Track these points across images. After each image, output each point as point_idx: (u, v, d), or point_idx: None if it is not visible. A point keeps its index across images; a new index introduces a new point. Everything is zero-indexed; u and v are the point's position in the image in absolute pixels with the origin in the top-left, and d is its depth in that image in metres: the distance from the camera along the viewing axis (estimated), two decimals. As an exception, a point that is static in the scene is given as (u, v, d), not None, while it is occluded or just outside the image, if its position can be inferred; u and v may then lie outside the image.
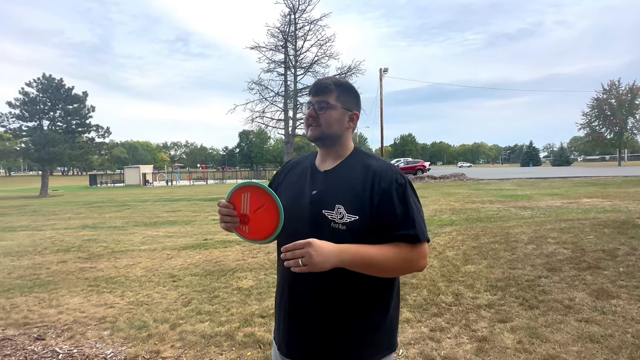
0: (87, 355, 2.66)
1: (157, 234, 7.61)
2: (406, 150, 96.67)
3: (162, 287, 4.10)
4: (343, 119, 1.11)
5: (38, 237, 7.65)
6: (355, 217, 1.01)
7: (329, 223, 1.02)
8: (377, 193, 1.02)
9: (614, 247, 4.58)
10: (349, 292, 1.04)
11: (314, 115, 1.09)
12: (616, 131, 50.64)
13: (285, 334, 1.12)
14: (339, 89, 1.11)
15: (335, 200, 1.03)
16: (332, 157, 1.13)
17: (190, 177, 38.53)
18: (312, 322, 1.06)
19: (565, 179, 20.26)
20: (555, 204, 9.73)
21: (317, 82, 1.13)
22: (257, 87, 21.27)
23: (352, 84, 1.18)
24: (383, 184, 1.02)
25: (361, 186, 1.03)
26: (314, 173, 1.13)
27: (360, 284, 1.03)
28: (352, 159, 1.12)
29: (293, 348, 1.10)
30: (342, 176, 1.09)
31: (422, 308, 3.23)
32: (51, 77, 25.51)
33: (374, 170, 1.05)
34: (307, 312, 1.06)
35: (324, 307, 1.04)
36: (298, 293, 1.07)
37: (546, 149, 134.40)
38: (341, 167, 1.11)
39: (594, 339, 2.54)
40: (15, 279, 4.59)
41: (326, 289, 1.03)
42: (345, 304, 1.04)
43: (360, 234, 1.00)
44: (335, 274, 0.97)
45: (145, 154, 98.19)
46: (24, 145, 25.86)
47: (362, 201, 1.02)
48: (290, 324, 1.10)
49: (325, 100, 1.09)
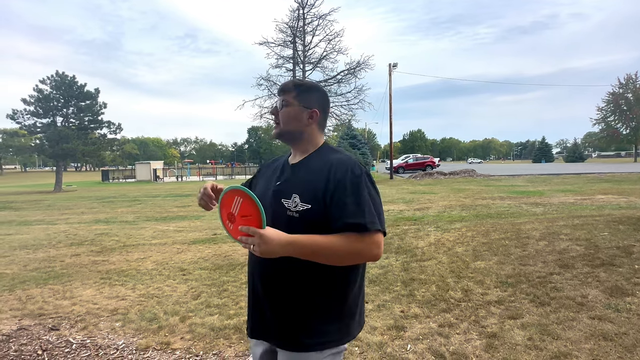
0: (100, 345, 2.72)
1: (167, 228, 7.71)
2: (415, 146, 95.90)
3: (172, 280, 4.15)
4: (301, 115, 1.17)
5: (52, 230, 7.83)
6: (308, 206, 1.06)
7: (285, 211, 1.09)
8: (331, 183, 1.06)
9: (629, 243, 4.48)
10: (297, 277, 1.08)
11: (275, 113, 1.18)
12: (632, 126, 49.41)
13: (248, 315, 1.22)
14: (298, 88, 1.18)
15: (293, 190, 1.10)
16: (300, 152, 1.21)
17: (200, 173, 38.91)
18: (264, 304, 1.14)
19: (578, 175, 19.86)
20: (569, 201, 9.55)
21: (282, 83, 1.21)
22: (266, 82, 21.31)
23: (317, 84, 1.25)
24: (338, 174, 1.07)
25: (318, 177, 1.09)
26: (284, 167, 1.22)
27: (309, 270, 1.07)
28: (316, 153, 1.19)
29: (254, 329, 1.19)
30: (305, 168, 1.15)
31: (430, 304, 3.21)
32: (64, 74, 25.94)
33: (332, 162, 1.11)
34: (261, 295, 1.15)
35: (273, 291, 1.12)
36: (256, 279, 1.17)
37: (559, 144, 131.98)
38: (306, 160, 1.18)
39: (607, 337, 2.49)
40: (30, 271, 4.71)
41: (276, 274, 1.10)
42: (293, 289, 1.09)
43: (312, 223, 1.05)
44: (282, 260, 1.02)
45: (156, 150, 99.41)
46: (38, 141, 26.45)
47: (316, 190, 1.06)
48: (251, 307, 1.20)
49: (284, 99, 1.17)
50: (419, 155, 34.66)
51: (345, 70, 21.99)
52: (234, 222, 1.03)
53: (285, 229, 1.00)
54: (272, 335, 1.14)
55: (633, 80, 48.64)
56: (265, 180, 1.26)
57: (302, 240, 1.00)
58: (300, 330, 1.09)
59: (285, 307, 1.10)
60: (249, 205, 0.99)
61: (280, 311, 1.11)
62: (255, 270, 1.17)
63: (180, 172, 38.91)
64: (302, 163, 1.18)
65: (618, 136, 51.23)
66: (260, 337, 1.18)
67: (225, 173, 39.52)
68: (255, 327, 1.18)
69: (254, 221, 0.98)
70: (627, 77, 49.16)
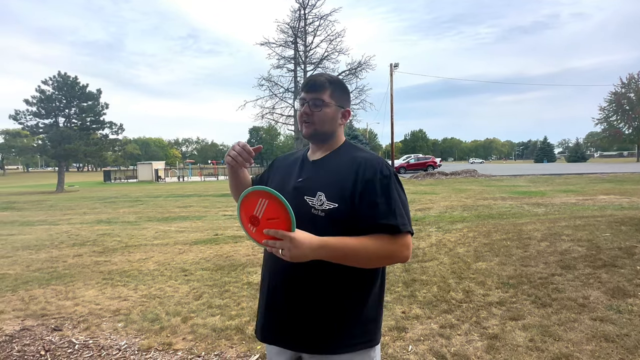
0: (102, 345, 2.73)
1: (169, 229, 7.73)
2: (417, 146, 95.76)
3: (174, 281, 4.17)
4: (336, 116, 1.13)
5: (55, 231, 7.86)
6: (334, 205, 1.02)
7: (309, 209, 1.04)
8: (360, 183, 1.03)
9: (631, 244, 4.47)
10: (326, 280, 1.05)
11: (309, 112, 1.10)
12: (635, 126, 49.22)
13: (260, 318, 1.16)
14: (333, 86, 1.12)
15: (318, 187, 1.05)
16: (323, 149, 1.17)
17: (202, 173, 38.95)
18: (286, 308, 1.08)
19: (580, 175, 19.79)
20: (570, 201, 9.52)
21: (311, 79, 1.13)
22: (267, 83, 21.36)
23: (343, 80, 1.20)
24: (367, 174, 1.04)
25: (345, 175, 1.05)
26: (304, 163, 1.17)
27: (336, 273, 1.04)
28: (340, 150, 1.15)
29: (268, 332, 1.13)
30: (328, 165, 1.11)
31: (431, 304, 3.21)
32: (66, 75, 26.00)
33: (359, 161, 1.07)
34: (282, 298, 1.09)
35: (299, 295, 1.06)
36: (277, 281, 1.10)
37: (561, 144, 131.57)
38: (329, 157, 1.14)
39: (609, 338, 2.49)
40: (33, 271, 4.73)
41: (301, 277, 1.06)
42: (322, 292, 1.05)
43: (339, 222, 1.02)
44: (311, 264, 0.99)
45: (158, 150, 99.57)
46: (40, 142, 26.52)
47: (343, 189, 1.03)
48: (265, 309, 1.13)
49: (320, 98, 1.10)
50: (420, 156, 34.61)
51: (346, 71, 22.01)
52: (258, 225, 0.98)
53: (309, 228, 0.97)
54: (294, 340, 1.08)
55: (635, 80, 48.45)
56: (281, 175, 1.20)
57: (333, 243, 0.96)
58: (329, 334, 1.05)
59: (314, 311, 1.05)
60: (276, 207, 0.94)
61: (306, 315, 1.06)
62: (277, 273, 1.10)
63: (181, 172, 38.96)
64: (325, 160, 1.13)
65: (620, 136, 51.03)
66: (275, 341, 1.13)
67: (226, 173, 39.39)
68: (271, 330, 1.12)
69: (281, 224, 0.94)
70: (629, 77, 49.00)
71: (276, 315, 1.10)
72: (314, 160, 1.15)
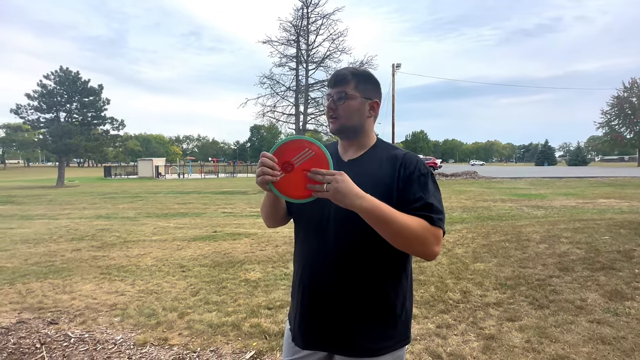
0: (98, 340, 2.73)
1: (168, 225, 7.73)
2: (418, 147, 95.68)
3: (172, 276, 4.16)
4: (363, 108, 1.09)
5: (54, 225, 7.86)
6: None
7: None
8: (401, 179, 1.03)
9: (630, 248, 4.46)
10: (366, 282, 1.04)
11: (333, 107, 1.07)
12: (636, 131, 49.19)
13: (297, 325, 1.12)
14: (357, 77, 1.08)
15: (362, 189, 1.00)
16: (355, 147, 1.12)
17: (202, 171, 38.95)
18: (328, 311, 1.06)
19: (581, 179, 19.78)
20: (570, 204, 9.51)
21: (335, 73, 1.11)
22: (269, 81, 21.27)
23: (371, 72, 1.15)
24: (407, 171, 1.04)
25: (388, 175, 1.04)
26: (337, 162, 1.10)
27: (378, 269, 1.04)
28: (376, 149, 1.12)
29: (309, 339, 1.10)
30: (368, 166, 1.08)
31: (429, 304, 3.20)
32: (68, 70, 26.01)
33: (399, 160, 1.06)
34: (323, 298, 1.07)
35: (339, 296, 1.05)
36: (317, 276, 1.08)
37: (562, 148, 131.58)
38: (366, 156, 1.10)
39: (606, 341, 2.48)
40: (31, 265, 4.73)
41: (344, 279, 1.04)
42: (362, 292, 1.04)
43: None
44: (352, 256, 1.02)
45: (158, 147, 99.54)
46: (41, 136, 26.54)
47: (390, 189, 1.02)
48: (304, 313, 1.10)
49: (343, 91, 1.07)
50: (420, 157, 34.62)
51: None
52: (290, 172, 0.93)
53: (354, 227, 0.99)
54: (331, 342, 1.07)
55: (638, 85, 48.36)
56: None
57: (378, 202, 0.93)
58: (365, 335, 1.05)
59: (358, 313, 1.05)
60: (320, 163, 0.90)
61: (345, 313, 1.05)
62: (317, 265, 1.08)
63: (182, 169, 38.97)
64: (362, 159, 1.10)
65: (622, 140, 50.97)
66: (316, 347, 1.10)
67: (227, 171, 39.54)
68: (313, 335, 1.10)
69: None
70: (632, 81, 48.90)
71: (319, 322, 1.08)
72: (350, 160, 1.11)
